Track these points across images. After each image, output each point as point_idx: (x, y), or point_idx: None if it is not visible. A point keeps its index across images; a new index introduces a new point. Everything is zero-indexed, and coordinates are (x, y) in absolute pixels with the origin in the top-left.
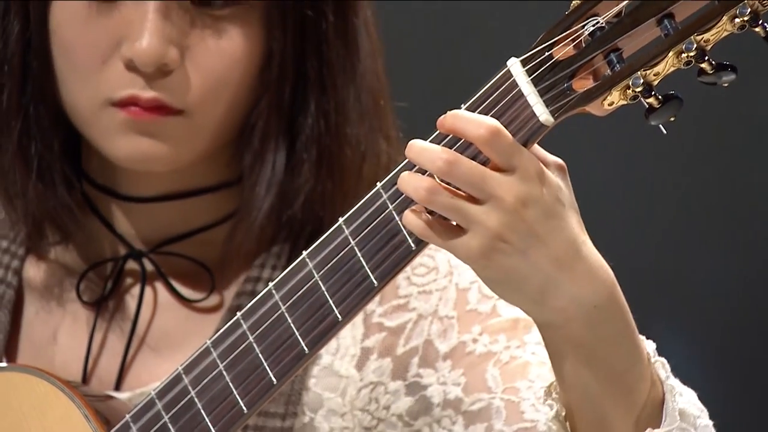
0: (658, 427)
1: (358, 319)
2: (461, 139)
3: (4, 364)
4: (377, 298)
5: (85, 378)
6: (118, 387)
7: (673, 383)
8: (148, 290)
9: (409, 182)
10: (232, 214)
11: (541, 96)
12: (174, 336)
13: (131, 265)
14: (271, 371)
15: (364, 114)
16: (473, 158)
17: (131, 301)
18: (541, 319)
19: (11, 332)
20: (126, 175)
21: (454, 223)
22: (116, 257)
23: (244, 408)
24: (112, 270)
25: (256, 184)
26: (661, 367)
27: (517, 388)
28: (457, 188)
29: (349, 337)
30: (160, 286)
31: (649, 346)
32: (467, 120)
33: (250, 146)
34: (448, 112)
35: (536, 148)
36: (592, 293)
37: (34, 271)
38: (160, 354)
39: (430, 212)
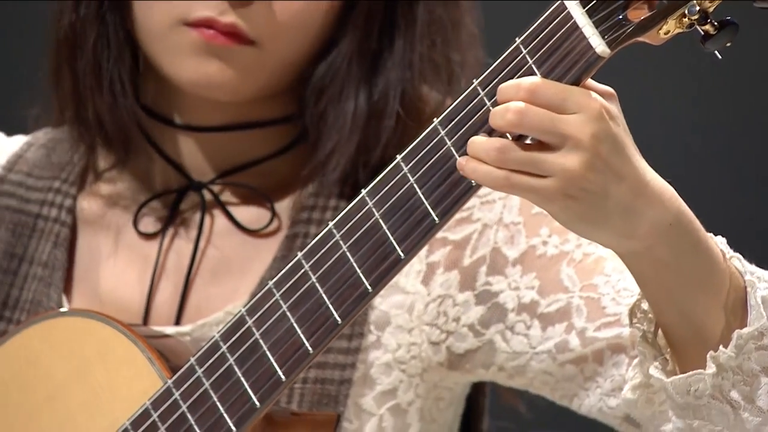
0: (745, 319)
1: None
2: None
3: (65, 309)
4: None
5: (147, 311)
6: (178, 319)
7: (753, 269)
8: (206, 220)
9: (480, 146)
10: (291, 146)
11: (596, 27)
12: (233, 265)
13: (189, 196)
14: (336, 311)
15: (448, 64)
16: None
17: (189, 233)
18: (625, 249)
19: (69, 269)
20: (185, 104)
21: None
22: (173, 189)
23: (310, 348)
24: (170, 201)
25: (333, 128)
26: (738, 261)
27: (594, 285)
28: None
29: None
30: (218, 216)
31: (720, 243)
32: (505, 90)
33: (331, 87)
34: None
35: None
36: (665, 212)
37: (89, 207)
38: (219, 284)
39: None
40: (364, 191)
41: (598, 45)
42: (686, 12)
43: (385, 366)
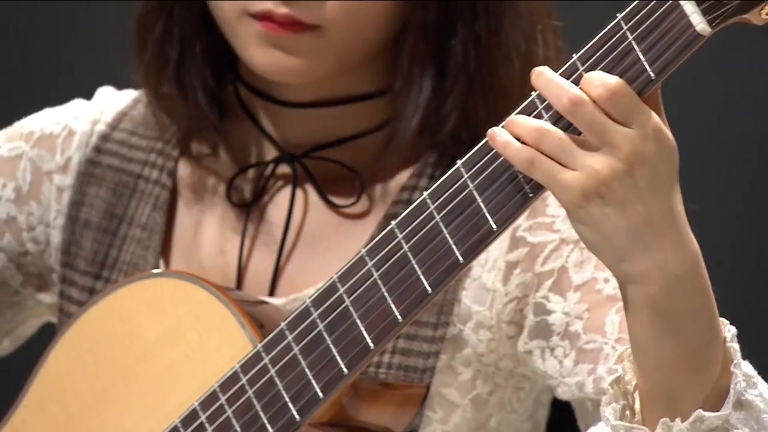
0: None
1: (506, 232)
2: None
3: (160, 270)
4: (525, 213)
5: (239, 282)
6: (272, 291)
7: (748, 371)
8: (298, 194)
9: (521, 122)
10: (386, 123)
11: (698, 5)
12: (325, 239)
13: (282, 169)
14: (426, 280)
15: (520, 38)
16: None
17: (281, 205)
18: (621, 276)
19: (167, 233)
20: (276, 81)
21: None
22: (267, 161)
23: (399, 317)
24: (263, 173)
25: (405, 105)
26: (735, 353)
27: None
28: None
29: (497, 249)
30: (310, 190)
31: (727, 330)
32: (589, 80)
33: (400, 67)
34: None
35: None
36: (675, 262)
37: (188, 171)
38: (311, 258)
39: None
40: (459, 162)
41: (699, 23)
42: None
43: (465, 358)
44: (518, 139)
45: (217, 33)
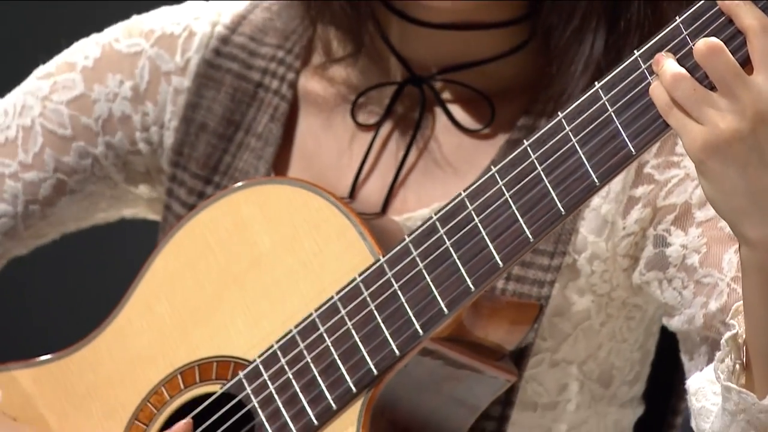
0: None
1: (631, 166)
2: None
3: (278, 178)
4: (653, 149)
5: (352, 198)
6: (384, 210)
7: None
8: (425, 116)
9: (661, 65)
10: (516, 49)
11: None
12: (446, 163)
13: (410, 90)
14: (560, 202)
15: None
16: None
17: (407, 126)
18: (738, 236)
19: (283, 145)
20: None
21: None
22: (396, 81)
23: (530, 237)
24: (390, 93)
25: (572, 62)
26: None
27: None
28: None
29: (620, 181)
30: (438, 112)
31: None
32: (742, 11)
33: (570, 21)
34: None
35: None
36: None
37: (310, 85)
38: (429, 180)
39: None
40: (597, 84)
41: None
42: None
43: (578, 289)
44: None
45: None
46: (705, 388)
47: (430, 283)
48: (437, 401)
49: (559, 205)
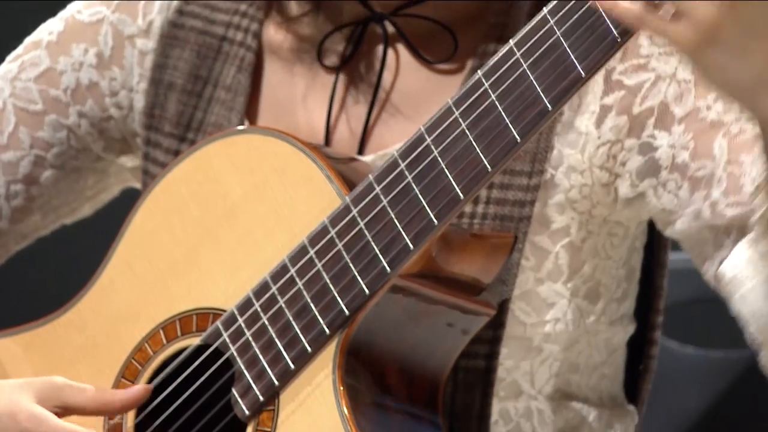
0: None
1: (599, 75)
2: None
3: (245, 127)
4: (618, 55)
5: (328, 141)
6: (361, 150)
7: None
8: (389, 53)
9: None
10: None
11: None
12: (416, 97)
13: (372, 29)
14: (514, 129)
15: None
16: None
17: (372, 65)
18: (758, 117)
19: (252, 95)
20: None
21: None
22: (357, 20)
23: (488, 166)
24: (353, 33)
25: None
26: None
27: (740, 162)
28: None
29: (590, 93)
30: (401, 48)
31: None
32: None
33: None
34: None
35: None
36: None
37: (274, 34)
38: (402, 115)
39: None
40: (545, 9)
41: None
42: None
43: (558, 205)
44: None
45: None
46: (741, 271)
47: (394, 219)
48: (416, 338)
49: (514, 132)
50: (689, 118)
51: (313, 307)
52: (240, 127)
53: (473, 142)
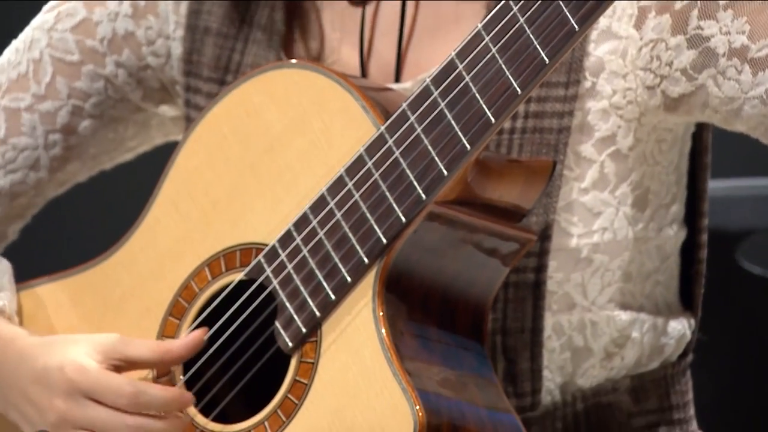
0: None
1: None
2: None
3: (283, 63)
4: None
5: (364, 73)
6: (398, 78)
7: None
8: None
9: None
10: None
11: None
12: (446, 21)
13: None
14: (543, 51)
15: None
16: None
17: None
18: None
19: (287, 34)
20: None
21: None
22: None
23: (518, 89)
24: None
25: None
26: None
27: None
28: None
29: None
30: None
31: None
32: None
33: None
34: None
35: None
36: None
37: None
38: (437, 38)
39: None
40: None
41: None
42: None
43: (602, 112)
44: None
45: None
46: None
47: (428, 146)
48: (457, 266)
49: (543, 54)
50: (736, 2)
51: (352, 237)
52: (277, 63)
53: (503, 66)
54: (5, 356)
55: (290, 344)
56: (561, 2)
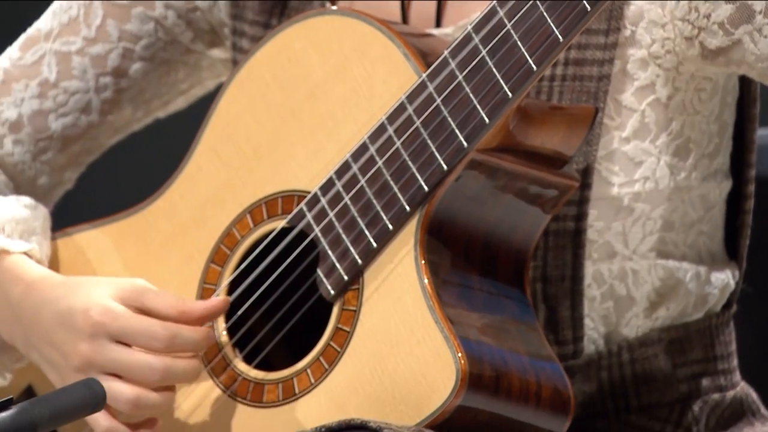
0: None
1: None
2: None
3: (325, 9)
4: None
5: (405, 20)
6: (439, 23)
7: None
8: None
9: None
10: None
11: None
12: None
13: None
14: None
15: None
16: None
17: None
18: None
19: None
20: None
21: None
22: None
23: (560, 37)
24: None
25: None
26: None
27: None
28: None
29: None
30: None
31: None
32: None
33: None
34: None
35: None
36: None
37: None
38: None
39: None
40: None
41: None
42: None
43: (641, 61)
44: None
45: None
46: None
47: (470, 94)
48: (499, 214)
49: (584, 1)
50: None
51: (393, 185)
52: (319, 9)
53: (545, 13)
54: (28, 297)
55: (332, 292)
56: None
